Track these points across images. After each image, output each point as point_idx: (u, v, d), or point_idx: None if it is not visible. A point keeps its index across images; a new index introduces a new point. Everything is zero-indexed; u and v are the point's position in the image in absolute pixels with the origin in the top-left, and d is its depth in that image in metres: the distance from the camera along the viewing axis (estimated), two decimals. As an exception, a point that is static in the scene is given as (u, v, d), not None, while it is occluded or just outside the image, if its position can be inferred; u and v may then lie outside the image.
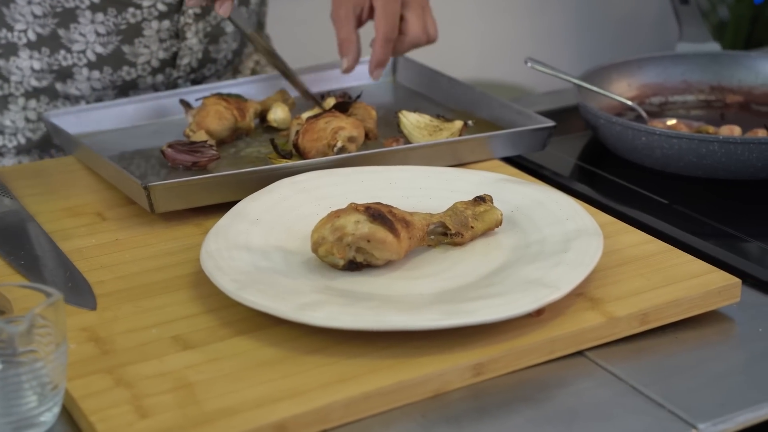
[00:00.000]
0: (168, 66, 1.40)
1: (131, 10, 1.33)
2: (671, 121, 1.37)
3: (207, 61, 1.43)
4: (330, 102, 1.32)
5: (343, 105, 1.26)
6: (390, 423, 0.84)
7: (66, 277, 1.00)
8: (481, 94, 1.35)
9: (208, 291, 0.97)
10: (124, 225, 1.11)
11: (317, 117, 1.20)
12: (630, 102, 1.40)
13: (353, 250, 0.97)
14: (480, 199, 1.05)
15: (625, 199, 1.22)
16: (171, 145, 1.19)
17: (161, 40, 1.37)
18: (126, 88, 1.39)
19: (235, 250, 0.99)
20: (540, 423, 0.85)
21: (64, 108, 1.34)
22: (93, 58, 1.35)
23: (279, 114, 1.30)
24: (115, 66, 1.36)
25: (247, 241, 1.01)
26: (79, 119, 1.30)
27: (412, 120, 1.25)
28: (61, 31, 1.33)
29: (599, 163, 1.33)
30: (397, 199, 1.08)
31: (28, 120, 1.38)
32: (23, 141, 1.39)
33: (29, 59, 1.34)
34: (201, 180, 1.11)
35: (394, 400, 0.85)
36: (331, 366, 0.87)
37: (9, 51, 1.34)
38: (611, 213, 1.14)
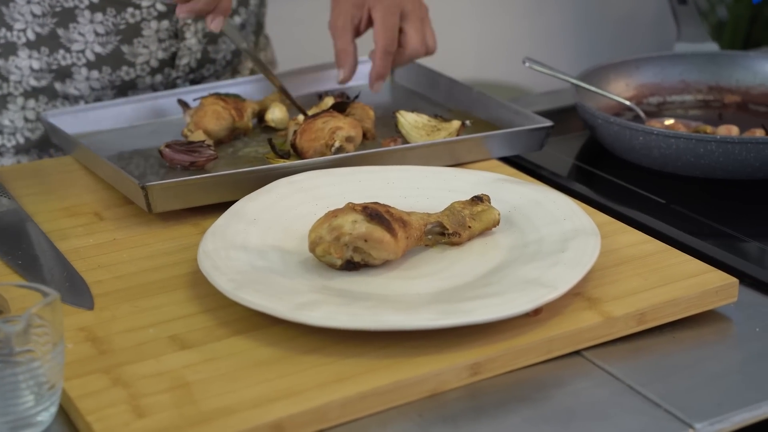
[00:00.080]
0: (167, 66, 1.40)
1: (130, 10, 1.33)
2: (669, 121, 1.37)
3: (206, 62, 1.43)
4: (328, 102, 1.32)
5: (341, 105, 1.26)
6: (387, 423, 0.84)
7: (63, 277, 1.00)
8: (479, 94, 1.35)
9: (205, 291, 0.97)
10: (121, 225, 1.11)
11: (315, 117, 1.20)
12: (628, 102, 1.40)
13: (350, 249, 0.97)
14: (477, 199, 1.05)
15: (623, 199, 1.22)
16: (169, 145, 1.19)
17: (160, 40, 1.37)
18: (125, 88, 1.39)
19: (233, 249, 0.99)
20: (537, 423, 0.85)
21: (62, 108, 1.34)
22: (92, 57, 1.35)
23: (277, 114, 1.30)
24: (114, 66, 1.36)
25: (245, 241, 1.01)
26: (77, 119, 1.30)
27: (410, 120, 1.25)
28: (60, 31, 1.33)
29: (597, 163, 1.32)
30: (395, 199, 1.08)
31: (26, 120, 1.38)
32: (22, 141, 1.39)
33: (28, 59, 1.34)
34: (198, 180, 1.11)
35: (391, 399, 0.85)
36: (328, 366, 0.87)
37: (8, 50, 1.34)
38: (609, 213, 1.14)
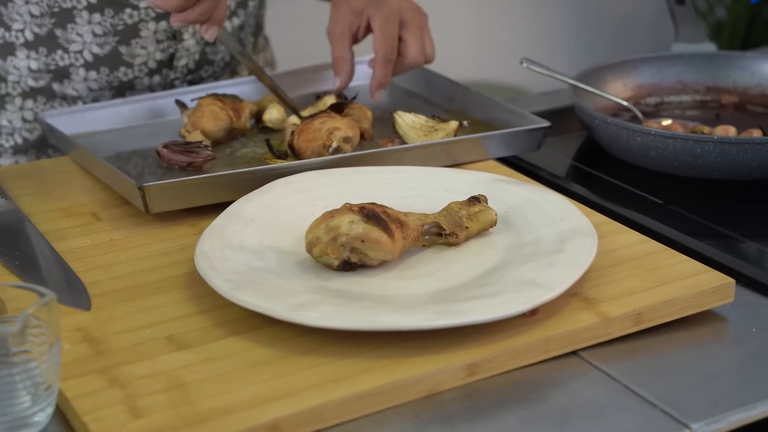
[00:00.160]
0: (165, 67, 1.40)
1: (128, 11, 1.33)
2: (666, 122, 1.37)
3: (204, 63, 1.43)
4: (327, 101, 1.32)
5: (339, 106, 1.26)
6: (383, 423, 0.84)
7: (61, 278, 1.00)
8: (477, 94, 1.35)
9: (202, 291, 0.97)
10: (118, 225, 1.11)
11: (313, 117, 1.20)
12: (625, 102, 1.40)
13: (347, 250, 0.97)
14: (475, 200, 1.05)
15: (620, 200, 1.22)
16: (166, 146, 1.19)
17: (158, 41, 1.37)
18: (123, 89, 1.39)
19: (230, 250, 0.99)
20: (533, 423, 0.85)
21: (60, 108, 1.34)
22: (90, 58, 1.35)
23: (274, 114, 1.30)
24: (112, 67, 1.36)
25: (242, 242, 1.01)
26: (75, 120, 1.30)
27: (407, 120, 1.25)
28: (58, 32, 1.33)
29: (594, 164, 1.33)
30: (392, 200, 1.08)
31: (25, 120, 1.38)
32: (20, 141, 1.39)
33: (26, 59, 1.34)
34: (196, 180, 1.11)
35: (387, 400, 0.85)
36: (325, 366, 0.87)
37: (6, 50, 1.34)
38: (606, 213, 1.14)
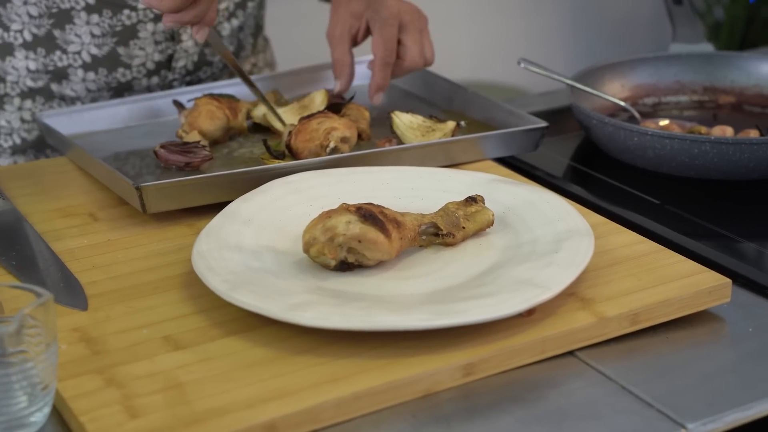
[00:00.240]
0: (163, 68, 1.40)
1: (126, 11, 1.33)
2: (664, 122, 1.37)
3: (203, 64, 1.43)
4: (314, 96, 1.31)
5: (337, 106, 1.26)
6: (380, 423, 0.84)
7: (58, 278, 1.00)
8: (474, 94, 1.35)
9: (199, 291, 0.97)
10: (116, 225, 1.11)
11: (310, 117, 1.20)
12: (623, 102, 1.40)
13: (344, 250, 0.97)
14: (471, 200, 1.05)
15: (618, 200, 1.22)
16: (164, 146, 1.19)
17: (156, 42, 1.37)
18: (121, 89, 1.39)
19: (227, 250, 0.99)
20: (530, 423, 0.85)
21: (57, 109, 1.34)
22: (88, 59, 1.35)
23: (262, 110, 1.30)
24: (111, 67, 1.36)
25: (239, 242, 1.01)
26: (73, 120, 1.30)
27: (404, 120, 1.25)
28: (57, 32, 1.33)
29: (592, 164, 1.33)
30: (389, 200, 1.08)
31: (23, 120, 1.38)
32: (19, 141, 1.39)
33: (25, 59, 1.34)
34: (193, 180, 1.11)
35: (384, 400, 0.85)
36: (322, 366, 0.87)
37: (5, 51, 1.34)
38: (604, 213, 1.14)
